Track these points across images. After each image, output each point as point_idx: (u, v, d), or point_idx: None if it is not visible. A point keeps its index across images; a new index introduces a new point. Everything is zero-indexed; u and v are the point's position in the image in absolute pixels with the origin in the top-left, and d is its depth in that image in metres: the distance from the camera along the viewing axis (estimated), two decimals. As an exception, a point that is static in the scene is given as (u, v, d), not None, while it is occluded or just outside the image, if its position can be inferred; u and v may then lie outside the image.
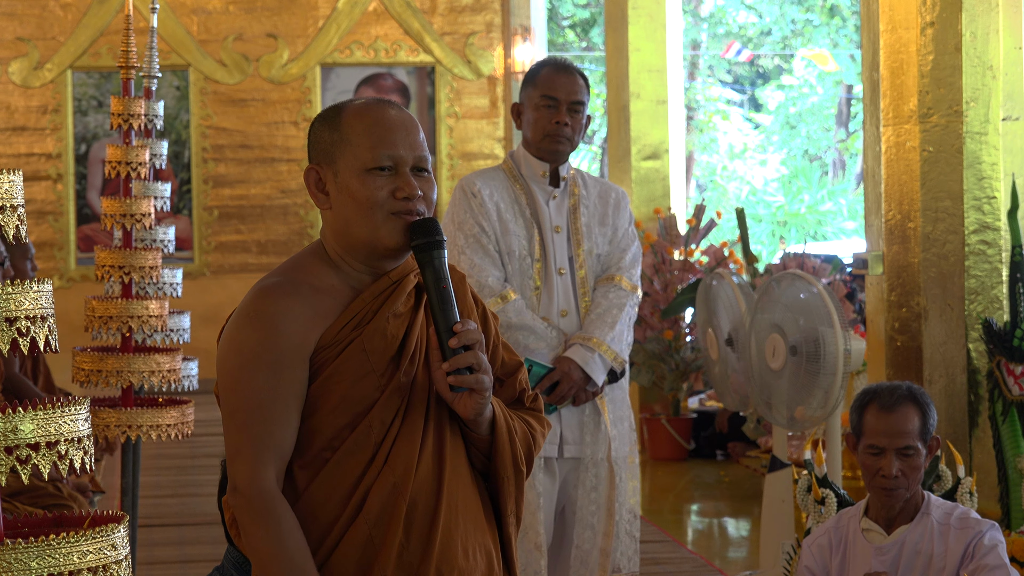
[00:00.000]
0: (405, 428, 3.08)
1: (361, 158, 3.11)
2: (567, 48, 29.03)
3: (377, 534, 3.04)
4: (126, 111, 6.00)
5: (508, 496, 3.21)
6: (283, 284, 3.11)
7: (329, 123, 3.17)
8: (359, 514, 3.04)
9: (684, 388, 11.78)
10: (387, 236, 3.10)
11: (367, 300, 3.11)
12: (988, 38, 7.30)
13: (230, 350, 3.10)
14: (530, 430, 3.26)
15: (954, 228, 7.28)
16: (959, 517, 4.67)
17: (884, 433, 4.67)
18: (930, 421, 4.71)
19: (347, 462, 3.06)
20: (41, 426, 2.44)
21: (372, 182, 3.10)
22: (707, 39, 30.93)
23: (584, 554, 5.50)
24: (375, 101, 3.19)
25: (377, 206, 3.09)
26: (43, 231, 15.50)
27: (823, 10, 30.34)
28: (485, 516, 3.19)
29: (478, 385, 3.06)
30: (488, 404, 3.12)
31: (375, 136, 3.12)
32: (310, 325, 3.07)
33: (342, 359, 3.07)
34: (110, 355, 5.80)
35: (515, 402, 3.32)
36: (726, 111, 31.39)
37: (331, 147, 3.15)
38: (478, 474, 3.21)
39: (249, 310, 3.10)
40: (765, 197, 30.82)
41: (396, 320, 3.12)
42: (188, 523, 9.10)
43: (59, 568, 2.44)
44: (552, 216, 5.52)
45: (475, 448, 3.19)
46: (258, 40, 15.97)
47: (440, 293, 3.08)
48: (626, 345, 5.51)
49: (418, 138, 3.16)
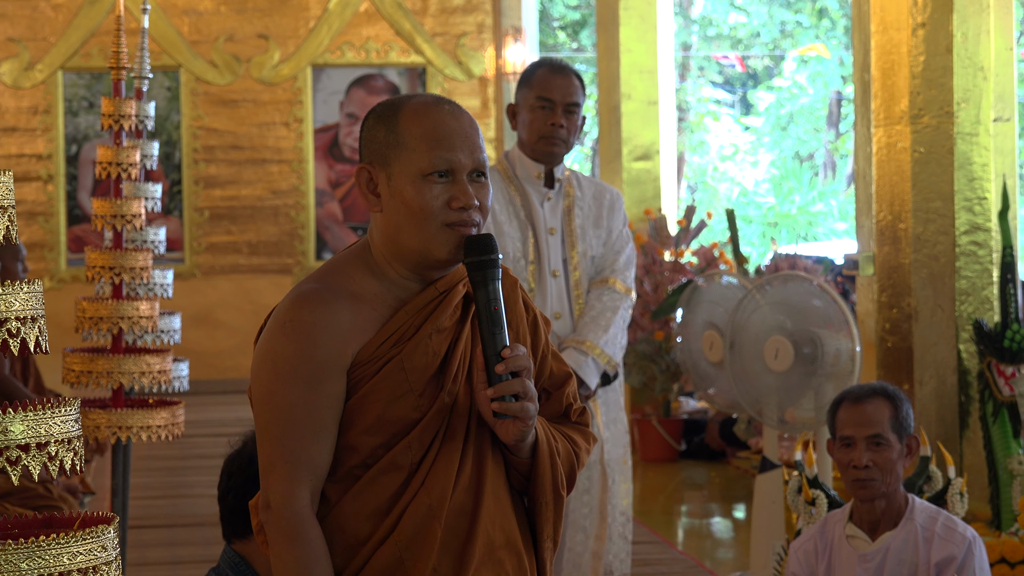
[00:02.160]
0: (444, 449, 2.98)
1: (417, 163, 2.97)
2: (558, 49, 29.03)
3: (408, 557, 2.94)
4: (117, 112, 5.99)
5: (546, 521, 3.10)
6: (321, 292, 2.98)
7: (385, 122, 3.03)
8: (391, 535, 2.95)
9: (675, 389, 11.78)
10: (439, 248, 2.97)
11: (410, 313, 2.99)
12: (979, 39, 7.31)
13: (264, 360, 2.99)
14: (574, 448, 3.14)
15: (945, 229, 7.29)
16: (944, 525, 4.67)
17: (853, 423, 4.71)
18: (902, 415, 4.72)
19: (381, 480, 2.96)
20: (31, 427, 2.43)
21: (428, 190, 2.96)
22: (698, 40, 30.94)
23: (576, 557, 5.50)
24: (434, 100, 3.04)
25: (432, 216, 2.96)
26: (34, 232, 15.48)
27: (812, 12, 30.37)
28: (522, 540, 3.07)
29: (523, 414, 2.94)
30: (532, 431, 3.00)
31: (433, 140, 2.98)
32: (348, 338, 2.95)
33: (380, 377, 2.96)
34: (100, 356, 5.78)
35: (561, 416, 3.20)
36: (716, 112, 31.41)
37: (386, 148, 3.01)
38: (518, 496, 3.11)
39: (285, 319, 2.97)
40: (756, 198, 30.82)
41: (439, 336, 3.00)
42: (178, 524, 9.09)
43: (49, 569, 2.43)
44: (546, 218, 5.51)
45: (515, 470, 3.07)
46: (249, 41, 15.95)
47: (491, 315, 2.94)
48: (620, 348, 5.50)
49: (478, 141, 3.02)
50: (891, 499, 4.70)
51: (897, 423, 4.71)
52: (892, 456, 4.67)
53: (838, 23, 30.12)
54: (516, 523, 3.07)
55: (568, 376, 3.21)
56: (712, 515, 9.94)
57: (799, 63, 30.94)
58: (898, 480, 4.71)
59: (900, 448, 4.70)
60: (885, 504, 4.70)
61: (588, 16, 28.72)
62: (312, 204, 16.01)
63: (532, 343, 3.14)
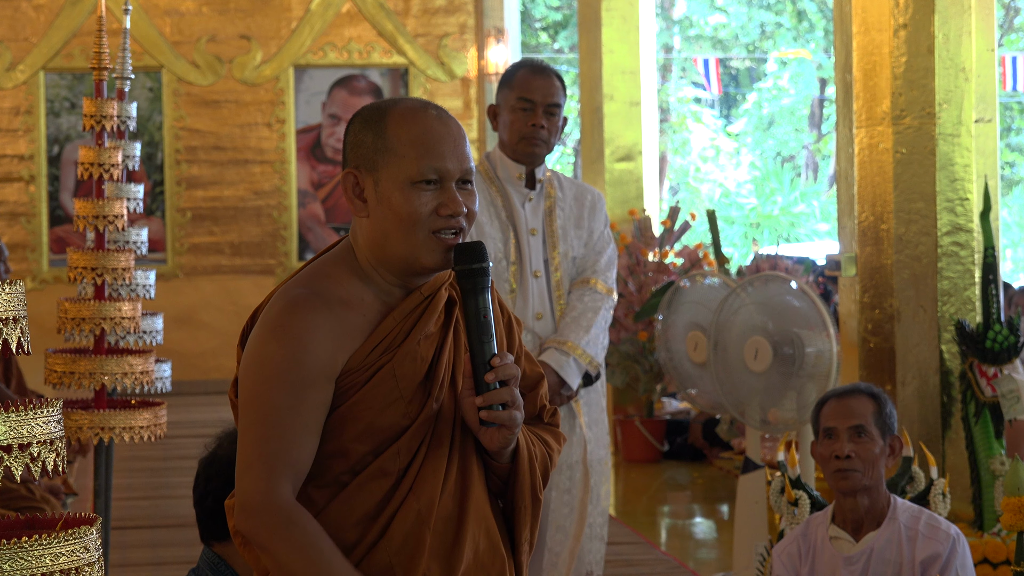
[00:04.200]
0: (431, 455, 2.97)
1: (406, 170, 2.96)
2: (540, 50, 29.04)
3: (398, 562, 2.93)
4: (99, 112, 5.97)
5: (524, 524, 3.10)
6: (311, 298, 2.96)
7: (373, 127, 3.00)
8: (380, 541, 2.94)
9: (658, 390, 11.79)
10: (427, 256, 2.97)
11: (397, 320, 2.98)
12: (960, 40, 7.32)
13: (253, 363, 2.96)
14: (548, 450, 3.15)
15: (927, 230, 7.30)
16: (927, 524, 4.69)
17: (836, 415, 4.77)
18: (885, 412, 4.77)
19: (369, 486, 2.95)
20: (13, 428, 2.43)
21: (416, 197, 2.95)
22: (680, 41, 30.97)
23: (555, 556, 5.50)
24: (421, 105, 3.03)
25: (420, 223, 2.95)
26: (15, 233, 15.44)
27: (792, 13, 30.41)
28: (503, 543, 3.09)
29: (511, 422, 2.94)
30: (516, 438, 3.01)
31: (422, 147, 2.97)
32: (338, 345, 2.94)
33: (371, 385, 2.94)
34: (83, 357, 5.77)
35: (534, 417, 3.20)
36: (698, 113, 31.44)
37: (373, 153, 2.99)
38: (496, 500, 3.11)
39: (275, 323, 2.95)
40: (738, 199, 30.86)
41: (427, 341, 2.99)
42: (161, 525, 9.07)
43: (31, 571, 2.42)
44: (528, 218, 5.51)
45: (493, 474, 3.08)
46: (231, 41, 15.93)
47: (480, 324, 2.94)
48: (601, 348, 5.50)
49: (465, 149, 3.01)
50: (873, 497, 4.71)
51: (880, 420, 4.74)
52: (874, 450, 4.69)
53: (817, 25, 30.17)
54: (497, 527, 3.08)
55: (541, 377, 3.21)
56: (695, 516, 9.95)
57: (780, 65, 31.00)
58: (880, 478, 4.72)
59: (882, 445, 4.73)
60: (868, 502, 4.71)
61: (570, 16, 28.73)
62: (294, 205, 16.00)
63: (507, 345, 3.15)
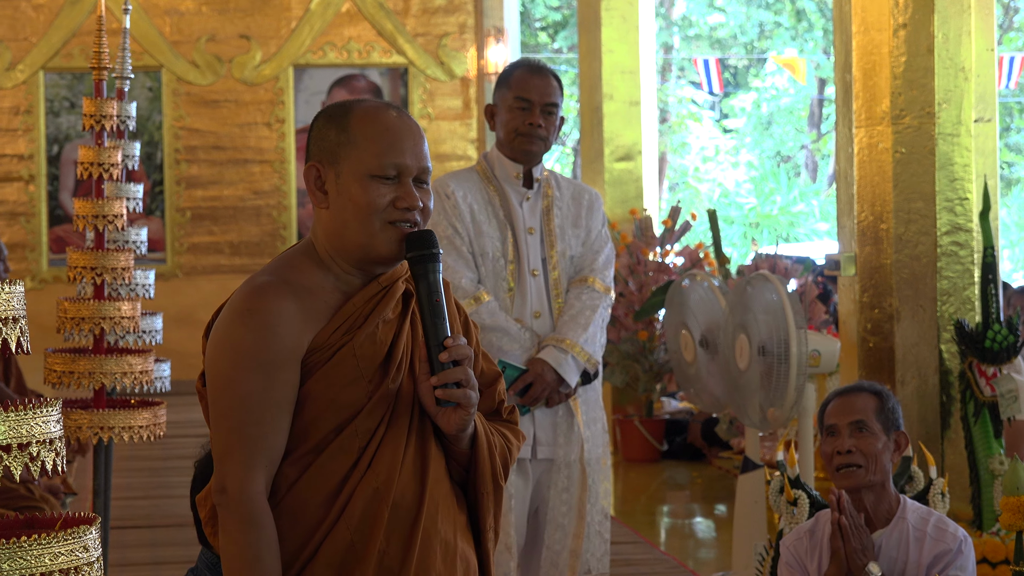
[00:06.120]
0: (389, 435, 3.07)
1: (366, 163, 3.10)
2: (539, 50, 29.04)
3: (358, 539, 3.03)
4: (98, 112, 5.97)
5: (487, 511, 3.21)
6: (276, 284, 3.08)
7: (336, 123, 3.14)
8: (340, 518, 3.03)
9: (657, 389, 11.79)
10: (382, 244, 3.09)
11: (358, 304, 3.09)
12: (960, 40, 7.32)
13: (222, 349, 3.09)
14: (507, 444, 3.25)
15: (926, 229, 7.30)
16: (935, 525, 4.68)
17: (837, 412, 4.77)
18: (888, 408, 4.76)
19: (330, 465, 3.04)
20: (13, 428, 2.43)
21: (375, 189, 3.09)
22: (679, 41, 30.96)
23: (554, 555, 5.50)
24: (383, 105, 3.18)
25: (376, 213, 3.08)
26: (15, 232, 15.44)
27: (791, 13, 30.40)
28: (464, 527, 3.18)
29: (465, 400, 3.06)
30: (472, 420, 3.11)
31: (383, 143, 3.11)
32: (303, 327, 3.05)
33: (333, 363, 3.05)
34: (82, 357, 5.77)
35: (492, 413, 3.30)
36: (698, 113, 31.43)
37: (336, 147, 3.12)
38: (457, 486, 3.20)
39: (243, 308, 3.07)
40: (737, 199, 30.86)
41: (386, 326, 3.10)
42: (160, 525, 9.07)
43: (31, 570, 2.43)
44: (525, 217, 5.52)
45: (454, 461, 3.18)
46: (231, 41, 15.93)
47: (433, 307, 3.07)
48: (599, 347, 5.51)
49: (423, 148, 3.16)
50: (879, 494, 4.70)
51: (883, 415, 4.74)
52: (876, 444, 4.68)
53: (816, 25, 30.16)
54: (459, 511, 3.18)
55: (498, 375, 3.33)
56: (694, 515, 9.95)
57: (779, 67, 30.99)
58: (886, 475, 4.71)
59: (886, 440, 4.71)
60: (874, 499, 4.70)
61: (569, 16, 28.73)
62: (294, 204, 16.00)
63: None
